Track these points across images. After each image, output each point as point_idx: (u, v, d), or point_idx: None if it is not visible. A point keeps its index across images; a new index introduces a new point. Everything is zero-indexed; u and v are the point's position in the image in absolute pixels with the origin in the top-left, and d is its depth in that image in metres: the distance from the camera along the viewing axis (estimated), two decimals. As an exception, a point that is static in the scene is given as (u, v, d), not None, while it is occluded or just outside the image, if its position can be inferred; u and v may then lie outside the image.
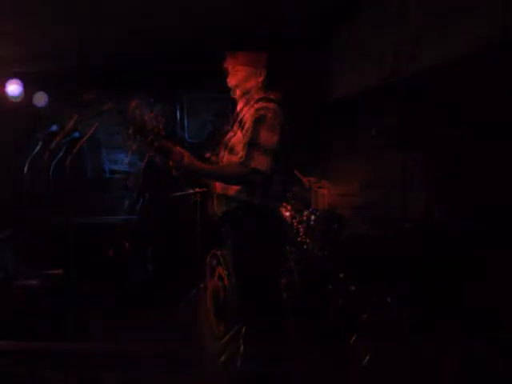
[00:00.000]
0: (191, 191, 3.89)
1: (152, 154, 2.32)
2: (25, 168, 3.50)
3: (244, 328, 2.60)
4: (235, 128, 2.54)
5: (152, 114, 2.27)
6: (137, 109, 2.24)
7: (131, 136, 2.25)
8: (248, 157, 2.36)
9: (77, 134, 3.29)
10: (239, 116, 2.54)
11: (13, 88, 4.68)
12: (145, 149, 2.29)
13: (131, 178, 5.21)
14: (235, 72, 2.55)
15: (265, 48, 2.59)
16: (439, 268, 3.05)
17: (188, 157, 2.33)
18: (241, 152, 2.41)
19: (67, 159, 3.06)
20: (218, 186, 2.57)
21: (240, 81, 2.55)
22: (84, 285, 3.88)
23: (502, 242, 2.79)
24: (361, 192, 3.75)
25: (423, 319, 3.02)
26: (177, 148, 2.33)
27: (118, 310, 3.85)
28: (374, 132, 3.64)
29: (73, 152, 3.00)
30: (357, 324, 3.09)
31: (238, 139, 2.47)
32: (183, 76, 5.18)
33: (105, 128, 5.29)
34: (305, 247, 3.53)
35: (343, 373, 2.75)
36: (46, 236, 4.12)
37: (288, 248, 3.48)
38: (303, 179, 3.87)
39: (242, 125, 2.46)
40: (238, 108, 2.59)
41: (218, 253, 3.32)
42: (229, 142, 2.53)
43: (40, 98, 4.93)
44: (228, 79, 2.58)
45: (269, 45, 2.68)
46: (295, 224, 3.60)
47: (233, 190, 2.49)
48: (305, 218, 3.58)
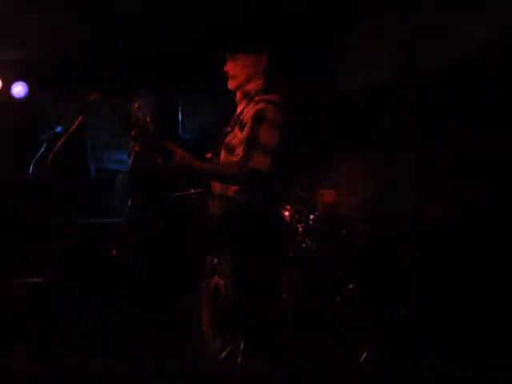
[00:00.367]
0: (191, 191, 3.82)
1: (143, 154, 2.34)
2: (29, 169, 3.46)
3: (243, 343, 2.50)
4: (236, 129, 2.54)
5: (152, 115, 2.31)
6: (139, 110, 2.27)
7: (134, 137, 2.29)
8: (247, 156, 2.37)
9: (59, 129, 3.16)
10: (240, 118, 2.55)
11: (18, 90, 4.89)
12: (147, 149, 2.34)
13: (120, 178, 5.15)
14: (235, 75, 2.57)
15: (265, 46, 2.62)
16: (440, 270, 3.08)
17: (188, 157, 2.34)
18: (241, 152, 2.42)
19: (48, 156, 2.87)
20: (218, 187, 2.55)
21: (240, 83, 2.57)
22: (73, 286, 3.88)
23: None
24: (360, 192, 3.75)
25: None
26: (177, 149, 2.34)
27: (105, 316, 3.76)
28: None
29: (55, 148, 2.82)
30: (357, 325, 3.08)
31: (239, 140, 2.47)
32: (183, 76, 5.18)
33: (108, 129, 5.44)
34: (303, 246, 3.51)
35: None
36: (46, 236, 4.05)
37: (288, 248, 3.47)
38: (303, 179, 3.86)
39: (243, 126, 2.48)
40: (239, 110, 2.61)
41: (215, 261, 3.14)
42: (229, 143, 2.54)
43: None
44: (228, 82, 2.60)
45: (268, 43, 2.71)
46: (294, 223, 3.59)
47: (232, 191, 2.49)
48: (304, 218, 3.58)
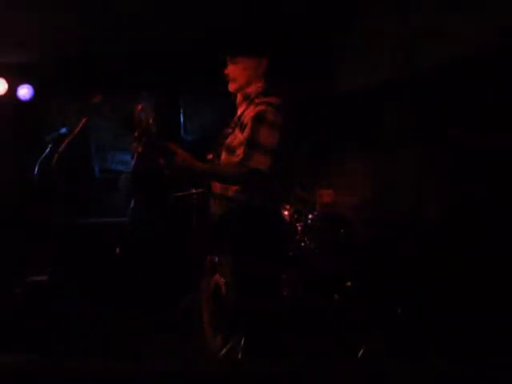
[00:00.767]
0: (191, 192, 3.86)
1: (146, 155, 2.30)
2: (35, 169, 3.50)
3: (243, 340, 2.51)
4: (236, 131, 2.55)
5: (154, 117, 2.34)
6: (142, 112, 2.28)
7: (137, 138, 2.30)
8: (247, 157, 2.37)
9: (64, 131, 3.20)
10: (240, 119, 2.56)
11: (24, 92, 4.90)
12: (149, 150, 2.37)
13: (122, 179, 5.17)
14: (236, 77, 2.58)
15: (265, 49, 2.63)
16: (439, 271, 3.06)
17: (190, 158, 2.34)
18: (241, 153, 2.43)
19: (54, 157, 2.93)
20: (218, 187, 2.56)
21: (241, 86, 2.58)
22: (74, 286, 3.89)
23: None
24: (360, 192, 3.77)
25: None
26: (179, 150, 2.35)
27: (107, 316, 3.79)
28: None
29: (59, 149, 2.87)
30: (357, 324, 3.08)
31: (239, 141, 2.48)
32: (184, 78, 5.21)
33: (112, 130, 5.47)
34: (302, 245, 3.51)
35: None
36: (49, 236, 4.07)
37: (288, 247, 3.47)
38: (303, 179, 3.86)
39: (243, 127, 2.48)
40: (239, 112, 2.61)
41: (215, 259, 3.19)
42: (230, 144, 2.55)
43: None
44: (229, 84, 2.61)
45: (268, 46, 2.73)
46: (293, 223, 3.60)
47: (232, 191, 2.48)
48: (303, 218, 3.59)
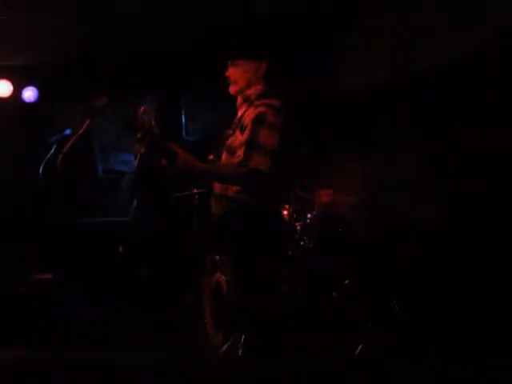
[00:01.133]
0: (192, 192, 3.89)
1: (149, 155, 2.38)
2: (40, 170, 3.54)
3: (243, 336, 2.53)
4: (237, 132, 2.57)
5: (156, 119, 2.35)
6: (145, 114, 2.31)
7: (139, 139, 2.32)
8: (247, 157, 2.38)
9: (68, 132, 3.24)
10: (240, 121, 2.58)
11: (28, 94, 4.92)
12: (152, 151, 2.38)
13: (126, 178, 5.20)
14: (236, 80, 2.60)
15: (265, 52, 2.66)
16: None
17: (191, 158, 2.36)
18: (241, 154, 2.44)
19: (58, 157, 2.98)
20: (218, 187, 2.57)
21: (241, 88, 2.60)
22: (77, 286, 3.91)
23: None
24: (359, 192, 3.76)
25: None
26: (181, 150, 2.36)
27: (108, 316, 3.80)
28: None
29: (64, 150, 2.93)
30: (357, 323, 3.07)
31: (240, 142, 2.49)
32: (185, 78, 5.19)
33: (115, 132, 5.45)
34: (301, 244, 3.51)
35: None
36: (53, 235, 4.12)
37: (287, 246, 3.46)
38: (303, 179, 3.83)
39: (243, 129, 2.50)
40: (240, 113, 2.63)
41: (216, 258, 3.22)
42: (230, 145, 2.57)
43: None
44: (230, 87, 2.64)
45: (268, 49, 2.75)
46: (292, 222, 3.60)
47: (233, 191, 2.50)
48: (302, 217, 3.59)
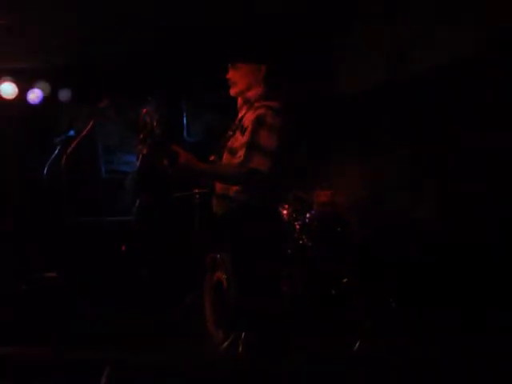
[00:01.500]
0: (193, 192, 3.91)
1: (151, 156, 2.39)
2: (44, 170, 3.57)
3: (244, 333, 2.54)
4: (237, 133, 2.58)
5: (158, 120, 2.36)
6: (147, 115, 2.31)
7: (142, 140, 2.33)
8: (248, 158, 2.39)
9: (72, 133, 3.28)
10: (241, 122, 2.59)
11: (33, 96, 4.96)
12: (154, 152, 2.38)
13: (129, 179, 5.22)
14: (237, 82, 2.62)
15: (264, 56, 2.67)
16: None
17: (192, 159, 2.37)
18: (242, 155, 2.44)
19: (62, 158, 3.02)
20: (219, 187, 2.59)
21: (241, 90, 2.62)
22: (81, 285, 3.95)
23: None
24: (359, 192, 3.81)
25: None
26: (182, 151, 2.37)
27: (113, 314, 3.85)
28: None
29: (68, 151, 2.96)
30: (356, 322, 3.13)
31: (240, 144, 2.50)
32: (185, 78, 5.22)
33: (118, 133, 5.53)
34: (300, 243, 3.54)
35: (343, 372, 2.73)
36: (58, 235, 4.14)
37: (286, 245, 3.48)
38: (302, 180, 3.84)
39: (244, 130, 2.51)
40: (240, 115, 2.65)
41: (217, 256, 3.25)
42: (231, 147, 2.57)
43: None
44: (230, 89, 2.66)
45: (268, 47, 2.78)
46: (291, 221, 3.63)
47: (233, 191, 2.51)
48: (301, 216, 3.62)
